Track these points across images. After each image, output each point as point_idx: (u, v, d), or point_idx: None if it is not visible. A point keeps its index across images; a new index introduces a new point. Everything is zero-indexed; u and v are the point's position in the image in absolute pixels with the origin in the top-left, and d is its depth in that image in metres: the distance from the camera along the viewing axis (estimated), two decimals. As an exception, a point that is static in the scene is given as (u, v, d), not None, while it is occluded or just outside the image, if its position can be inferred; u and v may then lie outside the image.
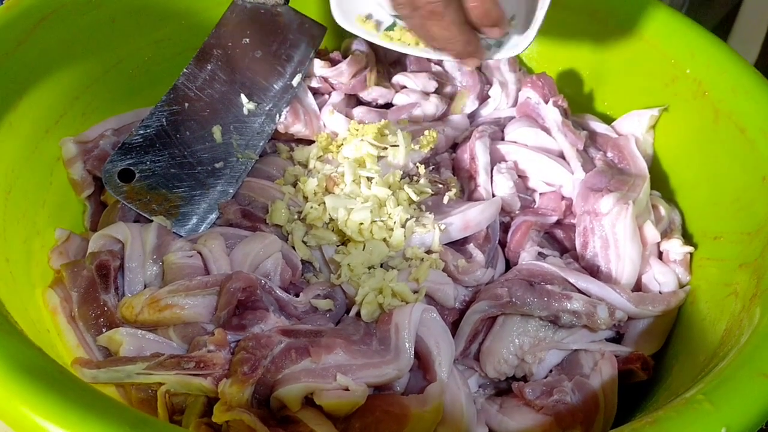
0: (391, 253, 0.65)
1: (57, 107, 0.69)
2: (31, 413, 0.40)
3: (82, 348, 0.59)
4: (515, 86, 0.83)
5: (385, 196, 0.66)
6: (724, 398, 0.43)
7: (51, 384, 0.41)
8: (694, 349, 0.60)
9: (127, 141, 0.70)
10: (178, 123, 0.71)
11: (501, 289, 0.63)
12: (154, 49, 0.78)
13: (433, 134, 0.73)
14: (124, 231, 0.64)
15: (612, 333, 0.65)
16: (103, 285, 0.61)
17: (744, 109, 0.67)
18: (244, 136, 0.73)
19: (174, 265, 0.62)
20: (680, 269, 0.68)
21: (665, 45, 0.75)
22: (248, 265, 0.62)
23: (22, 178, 0.64)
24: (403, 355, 0.58)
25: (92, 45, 0.72)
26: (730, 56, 0.71)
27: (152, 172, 0.69)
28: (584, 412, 0.57)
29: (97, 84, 0.73)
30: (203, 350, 0.56)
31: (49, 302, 0.61)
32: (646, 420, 0.43)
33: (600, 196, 0.68)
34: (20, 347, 0.44)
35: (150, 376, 0.54)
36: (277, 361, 0.55)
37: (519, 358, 0.62)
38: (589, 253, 0.68)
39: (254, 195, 0.70)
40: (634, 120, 0.77)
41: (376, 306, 0.62)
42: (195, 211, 0.69)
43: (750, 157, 0.64)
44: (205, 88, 0.73)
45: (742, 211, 0.64)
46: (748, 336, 0.50)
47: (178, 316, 0.58)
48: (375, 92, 0.80)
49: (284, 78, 0.76)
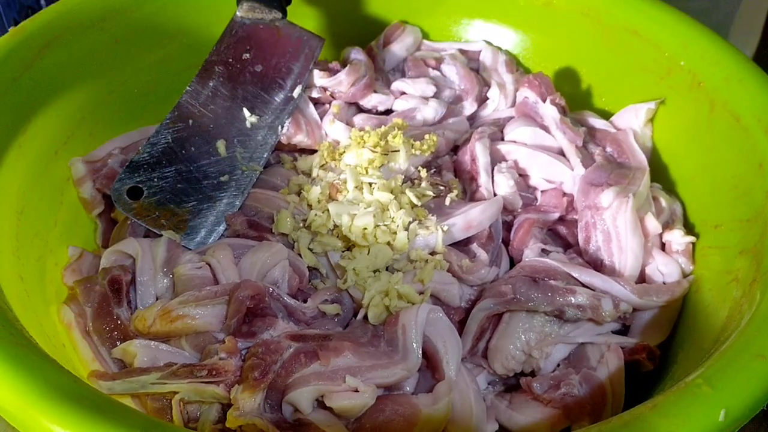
0: (396, 256, 0.66)
1: (65, 128, 0.71)
2: (45, 420, 0.41)
3: (97, 361, 0.60)
4: (513, 87, 0.84)
5: (388, 200, 0.67)
6: (723, 381, 0.44)
7: (63, 391, 0.42)
8: (699, 337, 0.60)
9: (135, 159, 0.71)
10: (183, 139, 0.73)
11: (505, 286, 0.64)
12: (158, 68, 0.80)
13: (433, 138, 0.74)
14: (134, 246, 0.65)
15: (618, 325, 0.65)
16: (115, 299, 0.63)
17: (738, 98, 0.67)
18: (248, 148, 0.75)
19: (184, 277, 0.63)
20: (683, 259, 0.68)
21: (659, 38, 0.76)
22: (256, 273, 0.64)
23: (33, 198, 0.66)
24: (411, 355, 0.59)
25: (97, 66, 0.74)
26: (723, 47, 0.71)
27: (160, 189, 0.71)
28: (592, 403, 0.58)
29: (103, 104, 0.75)
30: (215, 358, 0.57)
31: (63, 318, 0.63)
32: (646, 405, 0.44)
33: (600, 191, 0.69)
34: (35, 360, 0.46)
35: (164, 386, 0.56)
36: (287, 365, 0.56)
37: (526, 353, 0.63)
38: (591, 247, 0.69)
39: (260, 205, 0.71)
40: (631, 114, 0.78)
41: (383, 308, 0.63)
42: (203, 224, 0.70)
43: (746, 145, 0.65)
44: (208, 104, 0.75)
45: (741, 198, 0.64)
46: (747, 320, 0.50)
47: (189, 326, 0.59)
48: (375, 99, 0.81)
49: (285, 90, 0.78)
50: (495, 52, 0.87)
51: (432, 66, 0.87)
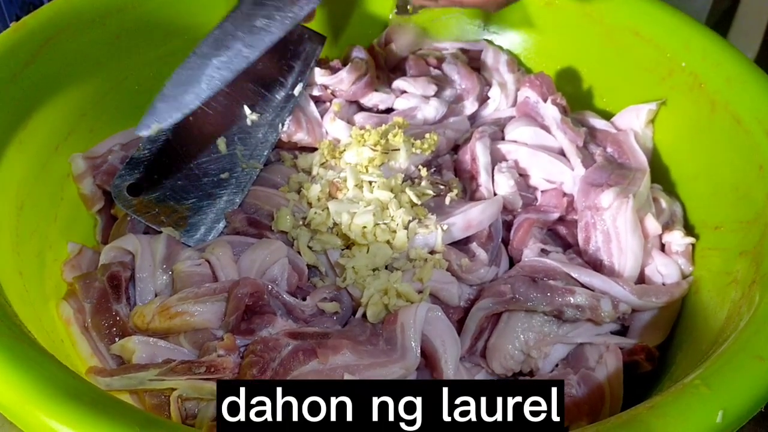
0: (395, 255, 0.66)
1: (65, 124, 0.71)
2: (43, 416, 0.41)
3: (96, 357, 0.60)
4: (514, 86, 0.84)
5: (387, 199, 0.67)
6: (721, 382, 0.44)
7: (61, 387, 0.43)
8: (698, 338, 0.60)
9: (135, 156, 0.71)
10: (183, 136, 0.73)
11: (504, 286, 0.64)
12: (159, 65, 0.80)
13: (433, 137, 0.74)
14: (134, 242, 0.65)
15: (617, 326, 0.65)
16: (114, 295, 0.63)
17: (739, 100, 0.67)
18: (248, 146, 0.75)
19: (183, 274, 0.63)
20: (683, 260, 0.68)
21: (660, 39, 0.76)
22: (255, 271, 0.64)
23: (33, 194, 0.66)
24: (409, 354, 0.59)
25: (98, 63, 0.74)
26: (724, 48, 0.71)
27: (160, 185, 0.71)
28: (590, 404, 0.58)
29: (103, 100, 0.75)
30: (213, 355, 0.57)
31: (62, 314, 0.63)
32: (644, 406, 0.44)
33: (600, 191, 0.69)
34: (34, 355, 0.46)
35: (162, 382, 0.56)
36: (285, 363, 0.56)
37: (525, 353, 0.63)
38: (591, 247, 0.69)
39: (260, 203, 0.71)
40: (632, 115, 0.78)
41: (382, 307, 0.63)
42: (203, 221, 0.70)
43: (746, 147, 0.65)
44: (209, 101, 0.75)
45: (741, 200, 0.64)
46: (746, 321, 0.50)
47: (188, 323, 0.59)
48: (375, 98, 0.81)
49: (286, 88, 0.77)
50: (496, 52, 0.87)
51: (433, 65, 0.87)
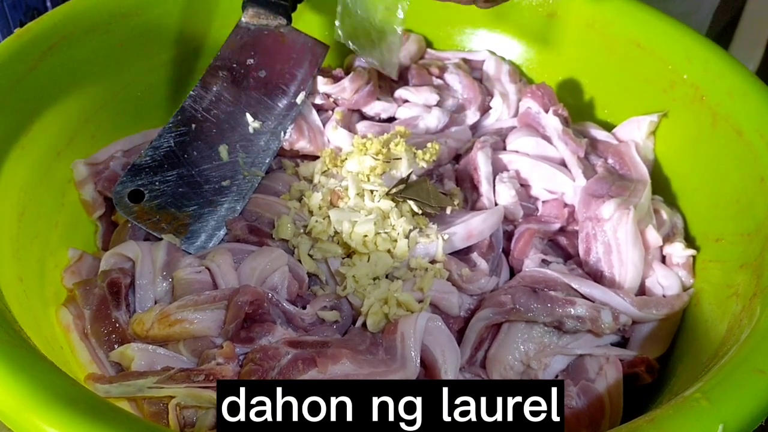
0: (396, 264, 0.66)
1: (67, 130, 0.71)
2: (41, 423, 0.41)
3: (95, 364, 0.60)
4: (516, 97, 0.84)
5: (389, 208, 0.67)
6: (721, 395, 0.44)
7: (60, 394, 0.42)
8: (698, 350, 0.60)
9: (137, 162, 0.71)
10: (185, 143, 0.73)
11: (505, 296, 0.64)
12: (162, 72, 0.80)
13: (435, 146, 0.74)
14: (134, 249, 0.65)
15: (617, 337, 0.65)
16: (114, 302, 0.62)
17: (741, 112, 0.67)
18: (250, 154, 0.75)
19: (183, 281, 0.63)
20: (683, 272, 0.68)
21: (662, 51, 0.76)
22: (255, 279, 0.64)
23: (34, 199, 0.66)
24: (409, 363, 0.58)
25: (101, 69, 0.74)
26: (726, 60, 0.71)
27: (161, 192, 0.71)
28: (590, 416, 0.58)
29: (106, 107, 0.75)
30: (212, 363, 0.57)
31: (62, 320, 0.62)
32: (644, 419, 0.44)
33: (601, 202, 0.69)
34: (32, 362, 0.46)
35: (161, 390, 0.55)
36: (285, 371, 0.56)
37: (524, 364, 0.63)
38: (592, 258, 0.69)
39: (261, 211, 0.71)
40: (633, 126, 0.78)
41: (382, 316, 0.63)
42: (203, 228, 0.70)
43: (748, 159, 0.65)
44: (212, 108, 0.75)
45: (742, 212, 0.64)
46: (747, 334, 0.50)
47: (187, 330, 0.59)
48: (378, 107, 0.82)
49: (288, 96, 0.78)
50: (498, 62, 0.87)
51: (435, 75, 0.87)
